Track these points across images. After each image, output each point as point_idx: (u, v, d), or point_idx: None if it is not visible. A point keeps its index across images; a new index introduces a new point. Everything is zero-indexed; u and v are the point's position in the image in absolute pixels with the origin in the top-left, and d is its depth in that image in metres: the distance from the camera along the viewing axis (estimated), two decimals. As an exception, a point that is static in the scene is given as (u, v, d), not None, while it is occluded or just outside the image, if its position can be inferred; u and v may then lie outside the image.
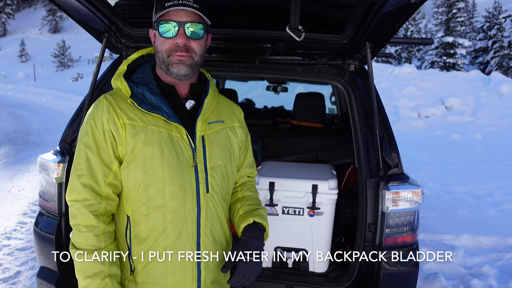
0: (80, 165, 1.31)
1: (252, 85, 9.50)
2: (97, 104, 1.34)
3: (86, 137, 1.31)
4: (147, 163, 1.30)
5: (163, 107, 1.33)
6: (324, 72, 2.28)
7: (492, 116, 12.35)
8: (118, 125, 1.31)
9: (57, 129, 10.70)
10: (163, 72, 1.39)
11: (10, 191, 5.46)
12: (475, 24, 39.93)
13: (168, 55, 1.34)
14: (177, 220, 1.33)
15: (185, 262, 1.35)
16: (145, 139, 1.31)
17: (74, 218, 1.30)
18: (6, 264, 3.39)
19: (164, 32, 1.33)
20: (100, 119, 1.31)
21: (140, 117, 1.33)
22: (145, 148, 1.30)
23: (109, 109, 1.32)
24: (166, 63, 1.35)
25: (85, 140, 1.32)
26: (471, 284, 3.20)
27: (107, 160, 1.31)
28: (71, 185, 1.31)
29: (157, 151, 1.31)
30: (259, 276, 2.18)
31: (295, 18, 1.67)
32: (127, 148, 1.31)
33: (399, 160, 2.06)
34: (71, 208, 1.31)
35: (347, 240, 2.52)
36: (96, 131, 1.31)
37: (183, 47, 1.33)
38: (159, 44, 1.35)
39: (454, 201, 5.63)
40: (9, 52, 59.60)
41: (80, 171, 1.30)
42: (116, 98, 1.35)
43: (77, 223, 1.29)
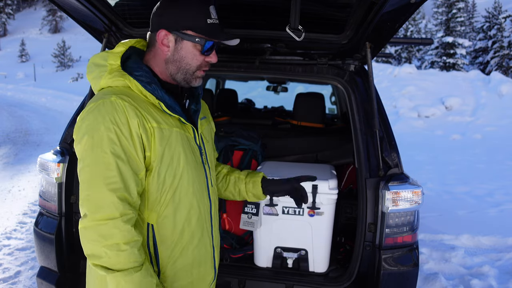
0: (113, 178, 1.15)
1: (252, 85, 9.51)
2: (115, 108, 1.18)
3: (113, 146, 1.16)
4: (175, 166, 1.30)
5: (177, 108, 1.33)
6: (324, 72, 2.28)
7: (492, 116, 12.35)
8: (148, 129, 1.23)
9: (57, 129, 10.70)
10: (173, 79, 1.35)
11: (10, 191, 5.46)
12: (475, 24, 39.93)
13: (195, 70, 1.34)
14: (200, 217, 1.38)
15: (207, 256, 1.42)
16: (171, 142, 1.29)
17: (110, 237, 1.13)
18: (6, 264, 3.39)
19: (206, 50, 1.31)
20: (125, 124, 1.18)
21: (163, 119, 1.28)
22: (173, 151, 1.29)
23: (137, 112, 1.20)
24: (190, 77, 1.34)
25: (112, 149, 1.16)
26: (471, 284, 3.20)
27: (136, 168, 1.21)
28: (101, 201, 1.14)
29: (182, 153, 1.31)
30: (259, 276, 2.20)
31: (295, 18, 1.67)
32: (156, 153, 1.24)
33: (399, 160, 2.06)
34: (103, 228, 1.13)
35: (347, 240, 2.52)
36: (123, 138, 1.18)
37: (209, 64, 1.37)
38: (190, 57, 1.31)
39: (454, 201, 5.63)
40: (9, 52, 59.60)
41: (114, 184, 1.15)
42: (133, 99, 1.23)
43: (116, 243, 1.13)
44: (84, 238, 1.16)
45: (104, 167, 1.15)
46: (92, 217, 1.14)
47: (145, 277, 1.17)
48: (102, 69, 1.28)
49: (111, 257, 1.13)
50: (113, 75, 1.26)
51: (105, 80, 1.27)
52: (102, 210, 1.14)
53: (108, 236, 1.13)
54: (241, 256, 2.36)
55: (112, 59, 1.29)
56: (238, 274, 2.18)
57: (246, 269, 2.25)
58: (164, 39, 1.30)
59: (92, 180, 1.15)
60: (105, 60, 1.29)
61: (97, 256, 1.14)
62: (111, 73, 1.27)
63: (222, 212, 2.48)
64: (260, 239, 2.25)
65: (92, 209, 1.14)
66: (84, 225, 1.15)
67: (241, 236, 2.49)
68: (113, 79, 1.26)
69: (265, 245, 2.25)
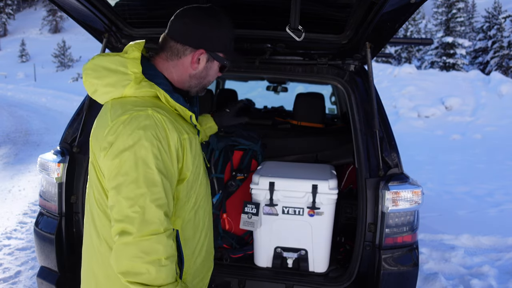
0: (159, 194, 1.14)
1: (252, 85, 9.51)
2: (154, 122, 1.16)
3: (157, 162, 1.14)
4: (199, 172, 1.35)
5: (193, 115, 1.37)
6: (324, 72, 2.28)
7: (492, 116, 12.35)
8: (181, 141, 1.23)
9: (57, 129, 10.70)
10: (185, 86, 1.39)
11: (11, 191, 5.46)
12: (475, 24, 39.94)
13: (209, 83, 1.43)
14: (210, 215, 1.47)
15: (211, 250, 1.51)
16: (196, 150, 1.33)
17: (152, 252, 1.10)
18: (6, 264, 3.39)
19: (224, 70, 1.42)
20: (165, 138, 1.17)
21: (188, 128, 1.31)
22: (198, 158, 1.34)
23: (175, 126, 1.21)
24: (202, 89, 1.42)
25: (156, 165, 1.14)
26: (471, 284, 3.20)
27: (172, 182, 1.22)
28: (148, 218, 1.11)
29: (201, 158, 1.39)
30: (259, 276, 2.20)
31: (295, 18, 1.67)
32: (188, 163, 1.26)
33: (399, 160, 2.06)
34: (146, 243, 1.10)
35: (347, 240, 2.52)
36: (164, 153, 1.17)
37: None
38: (213, 75, 1.39)
39: (454, 201, 5.63)
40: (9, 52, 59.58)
41: (160, 200, 1.14)
42: (166, 111, 1.22)
43: (158, 258, 1.11)
44: (122, 255, 1.11)
45: (151, 183, 1.13)
46: (137, 234, 1.10)
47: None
48: (124, 77, 1.23)
49: (152, 273, 1.10)
50: (141, 85, 1.23)
51: (132, 89, 1.22)
52: (148, 226, 1.11)
53: (152, 251, 1.10)
54: (241, 256, 2.37)
55: (134, 66, 1.24)
56: (238, 274, 2.18)
57: (246, 269, 2.25)
58: (198, 57, 1.32)
59: (140, 197, 1.12)
60: (124, 67, 1.23)
61: (136, 273, 1.10)
62: (138, 83, 1.23)
63: (222, 212, 2.48)
64: (260, 239, 2.25)
65: (137, 225, 1.10)
66: (125, 242, 1.10)
67: (241, 236, 2.49)
68: (142, 89, 1.23)
69: (265, 245, 2.25)
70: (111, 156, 1.15)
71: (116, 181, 1.14)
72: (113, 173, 1.15)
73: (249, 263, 2.32)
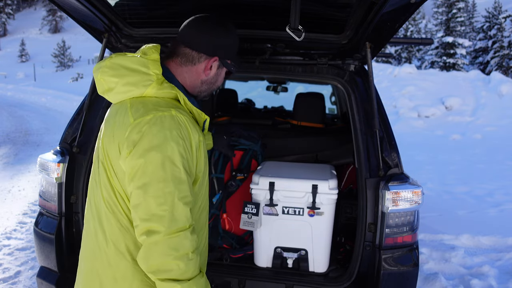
0: (186, 192, 1.19)
1: (252, 85, 9.50)
2: (178, 122, 1.20)
3: (183, 161, 1.19)
4: (206, 174, 1.39)
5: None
6: (324, 72, 2.28)
7: (492, 116, 12.36)
8: (199, 143, 1.29)
9: (57, 129, 10.70)
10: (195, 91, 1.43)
11: (10, 191, 5.46)
12: (475, 24, 39.93)
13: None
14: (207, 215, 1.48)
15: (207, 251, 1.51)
16: (206, 154, 1.37)
17: (181, 248, 1.14)
18: (6, 264, 3.39)
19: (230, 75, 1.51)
20: (188, 138, 1.22)
21: (200, 131, 1.35)
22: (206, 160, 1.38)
23: (196, 127, 1.28)
24: (211, 93, 1.48)
25: (183, 164, 1.19)
26: (471, 284, 3.20)
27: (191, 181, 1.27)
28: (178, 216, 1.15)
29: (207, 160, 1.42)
30: (259, 276, 2.20)
31: (295, 18, 1.67)
32: (201, 165, 1.31)
33: (399, 160, 2.06)
34: (175, 240, 1.14)
35: (347, 240, 2.52)
36: (188, 153, 1.22)
37: None
38: (220, 80, 1.46)
39: (454, 201, 5.63)
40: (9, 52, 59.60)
41: (187, 198, 1.19)
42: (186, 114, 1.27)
43: (186, 253, 1.15)
44: (152, 253, 1.14)
45: (178, 181, 1.17)
46: (167, 231, 1.13)
47: (206, 281, 1.25)
48: (146, 77, 1.25)
49: (181, 267, 1.14)
50: (163, 86, 1.26)
51: (154, 90, 1.25)
52: (177, 223, 1.15)
53: (180, 247, 1.14)
54: (241, 256, 2.36)
55: (155, 67, 1.27)
56: (238, 274, 2.18)
57: (246, 269, 2.25)
58: (211, 64, 1.38)
59: (168, 195, 1.15)
60: (146, 68, 1.26)
61: (166, 270, 1.13)
62: (160, 84, 1.26)
63: (222, 212, 2.48)
64: (260, 239, 2.25)
65: (166, 224, 1.13)
66: (154, 240, 1.13)
67: (241, 236, 2.49)
68: (164, 90, 1.26)
69: (265, 245, 2.25)
70: (136, 155, 1.16)
71: (142, 180, 1.15)
72: (139, 173, 1.16)
73: (249, 263, 2.32)
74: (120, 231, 1.25)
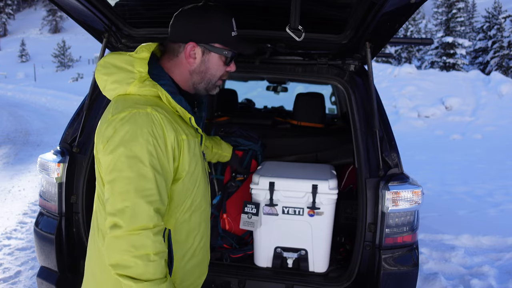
0: (151, 190, 1.16)
1: (252, 85, 9.49)
2: (152, 120, 1.19)
3: (152, 159, 1.17)
4: (196, 174, 1.36)
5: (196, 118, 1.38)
6: (324, 72, 2.28)
7: (492, 116, 12.36)
8: (179, 142, 1.26)
9: (57, 129, 10.71)
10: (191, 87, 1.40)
11: (10, 191, 5.46)
12: (475, 24, 39.95)
13: (217, 80, 1.41)
14: (207, 218, 1.47)
15: (207, 255, 1.51)
16: (195, 152, 1.34)
17: (142, 248, 1.13)
18: (6, 264, 3.39)
19: (229, 61, 1.40)
20: (162, 137, 1.20)
21: (188, 130, 1.33)
22: (195, 160, 1.35)
23: (172, 126, 1.24)
24: (211, 86, 1.41)
25: (151, 161, 1.17)
26: (471, 284, 3.20)
27: (168, 180, 1.24)
28: (138, 213, 1.14)
29: (200, 161, 1.39)
30: (259, 276, 2.20)
31: (295, 18, 1.67)
32: (184, 164, 1.29)
33: (399, 160, 2.06)
34: (135, 238, 1.13)
35: (347, 240, 2.52)
36: (160, 151, 1.20)
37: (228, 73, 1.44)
38: (215, 68, 1.38)
39: (454, 201, 5.63)
40: (9, 52, 59.60)
41: (152, 197, 1.16)
42: (166, 111, 1.25)
43: (147, 253, 1.13)
44: (113, 247, 1.14)
45: (143, 179, 1.16)
46: (127, 228, 1.13)
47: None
48: (129, 75, 1.27)
49: (140, 267, 1.13)
50: (144, 84, 1.26)
51: (135, 88, 1.26)
52: (137, 221, 1.14)
53: (140, 246, 1.13)
54: (241, 256, 2.36)
55: (140, 66, 1.28)
56: (238, 274, 2.18)
57: (246, 269, 2.25)
58: (191, 51, 1.34)
59: (130, 192, 1.15)
60: (131, 66, 1.27)
61: (124, 266, 1.13)
62: (142, 82, 1.26)
63: (222, 212, 2.48)
64: (260, 239, 2.25)
65: (127, 220, 1.13)
66: (115, 235, 1.14)
67: (241, 236, 2.49)
68: (145, 88, 1.26)
69: (265, 245, 2.25)
70: (108, 151, 1.18)
71: (112, 175, 1.17)
72: (109, 168, 1.18)
73: (249, 263, 2.32)
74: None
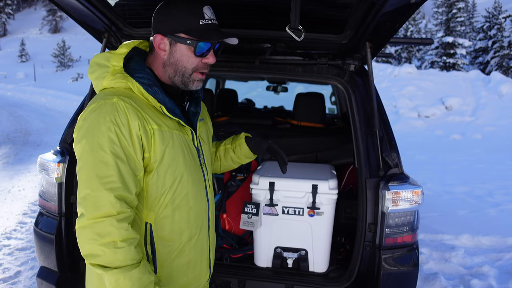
0: (111, 178, 1.16)
1: (252, 85, 9.49)
2: (116, 109, 1.20)
3: (113, 146, 1.18)
4: (175, 168, 1.32)
5: (176, 110, 1.35)
6: (324, 72, 2.28)
7: (492, 116, 12.36)
8: (148, 131, 1.25)
9: (57, 129, 10.71)
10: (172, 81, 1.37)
11: (10, 191, 5.46)
12: (475, 24, 39.92)
13: (192, 72, 1.35)
14: (198, 217, 1.41)
15: (203, 255, 1.45)
16: (173, 145, 1.32)
17: (107, 235, 1.13)
18: (6, 264, 3.39)
19: (199, 51, 1.32)
20: (126, 125, 1.20)
21: (163, 121, 1.31)
22: (173, 153, 1.32)
23: (138, 114, 1.23)
24: (187, 79, 1.36)
25: (112, 149, 1.17)
26: (471, 284, 3.20)
27: (135, 168, 1.23)
28: (99, 200, 1.15)
29: (181, 156, 1.34)
30: (259, 276, 2.20)
31: (295, 18, 1.67)
32: (156, 155, 1.27)
33: (399, 160, 2.06)
34: (99, 225, 1.13)
35: (347, 240, 2.52)
36: (123, 138, 1.20)
37: (208, 66, 1.37)
38: (185, 60, 1.33)
39: (454, 201, 5.63)
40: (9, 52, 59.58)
41: (112, 184, 1.16)
42: (135, 101, 1.26)
43: (113, 240, 1.13)
44: (81, 238, 1.16)
45: (103, 166, 1.17)
46: (89, 216, 1.14)
47: (143, 274, 1.17)
48: (104, 70, 1.30)
49: (108, 255, 1.13)
50: (115, 76, 1.29)
51: (108, 81, 1.29)
52: (99, 209, 1.14)
53: (105, 234, 1.13)
54: (241, 256, 2.37)
55: (115, 60, 1.31)
56: (238, 274, 2.18)
57: (246, 269, 2.25)
58: (160, 43, 1.33)
59: (91, 180, 1.16)
60: (107, 61, 1.31)
61: (94, 255, 1.14)
62: (113, 75, 1.29)
63: (222, 212, 2.48)
64: (260, 239, 2.25)
65: (89, 208, 1.15)
66: (80, 225, 1.15)
67: (241, 236, 2.49)
68: (116, 80, 1.28)
69: (265, 245, 2.25)
70: (76, 141, 1.22)
71: (79, 164, 1.21)
72: (78, 157, 1.21)
73: (249, 263, 2.32)
74: None
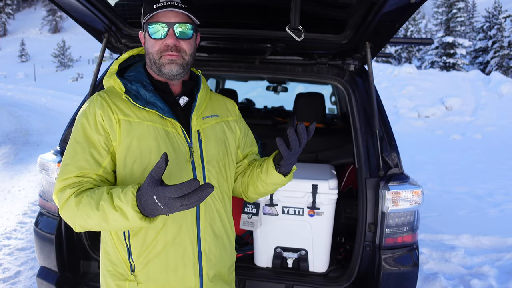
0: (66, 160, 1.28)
1: (252, 85, 9.49)
2: (90, 101, 1.36)
3: (76, 133, 1.31)
4: (144, 159, 1.30)
5: (158, 103, 1.35)
6: (324, 72, 2.28)
7: (492, 116, 12.36)
8: (113, 120, 1.31)
9: (57, 129, 10.70)
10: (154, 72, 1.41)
11: (10, 191, 5.46)
12: (475, 24, 39.94)
13: (159, 57, 1.35)
14: (176, 215, 1.32)
15: (186, 258, 1.34)
16: (141, 135, 1.31)
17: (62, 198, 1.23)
18: (6, 264, 3.39)
19: (154, 34, 1.34)
20: (92, 114, 1.31)
21: (135, 113, 1.34)
22: (142, 144, 1.30)
23: (103, 103, 1.33)
24: (158, 64, 1.36)
25: (75, 135, 1.31)
26: (471, 284, 3.20)
27: (97, 155, 1.29)
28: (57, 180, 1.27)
29: (154, 147, 1.31)
30: (259, 276, 2.20)
31: (295, 18, 1.67)
32: (122, 144, 1.30)
33: (399, 160, 2.06)
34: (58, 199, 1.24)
35: (347, 240, 2.52)
36: (88, 126, 1.31)
37: (173, 47, 1.35)
38: (150, 46, 1.37)
39: (454, 201, 5.63)
40: (9, 52, 59.61)
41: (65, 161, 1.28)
42: (110, 94, 1.38)
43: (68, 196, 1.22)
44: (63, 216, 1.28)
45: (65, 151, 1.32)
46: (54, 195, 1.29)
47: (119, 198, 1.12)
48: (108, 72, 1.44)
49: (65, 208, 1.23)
50: (107, 77, 1.42)
51: (104, 82, 1.45)
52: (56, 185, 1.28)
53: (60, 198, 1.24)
54: (241, 256, 2.36)
55: (113, 64, 1.46)
56: (238, 274, 2.17)
57: (246, 269, 2.25)
58: (142, 40, 1.44)
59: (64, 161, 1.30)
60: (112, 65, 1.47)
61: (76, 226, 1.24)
62: (107, 76, 1.43)
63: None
64: (260, 239, 2.25)
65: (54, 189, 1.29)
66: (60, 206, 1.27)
67: (241, 236, 2.49)
68: (106, 80, 1.43)
69: (265, 245, 2.25)
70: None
71: None
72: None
73: (249, 263, 2.32)
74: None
